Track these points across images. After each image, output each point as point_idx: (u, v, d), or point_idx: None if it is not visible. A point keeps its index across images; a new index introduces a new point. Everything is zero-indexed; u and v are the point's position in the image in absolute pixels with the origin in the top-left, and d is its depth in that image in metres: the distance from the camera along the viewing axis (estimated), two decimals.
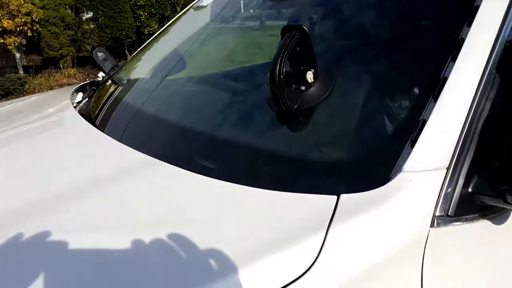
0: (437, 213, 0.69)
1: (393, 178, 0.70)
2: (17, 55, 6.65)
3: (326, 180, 0.78)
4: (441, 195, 0.70)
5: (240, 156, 0.92)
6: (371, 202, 0.67)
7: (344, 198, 0.68)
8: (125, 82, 1.70)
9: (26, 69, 6.87)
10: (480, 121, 0.76)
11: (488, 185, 0.74)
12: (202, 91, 1.39)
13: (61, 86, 6.02)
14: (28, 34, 6.10)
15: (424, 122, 0.75)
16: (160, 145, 1.08)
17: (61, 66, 6.95)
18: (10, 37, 5.78)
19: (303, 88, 0.88)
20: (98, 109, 1.50)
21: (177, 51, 1.77)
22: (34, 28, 6.13)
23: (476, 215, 0.74)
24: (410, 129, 0.76)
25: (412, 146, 0.73)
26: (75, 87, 1.83)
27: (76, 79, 6.63)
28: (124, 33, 7.59)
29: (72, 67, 7.02)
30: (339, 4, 1.24)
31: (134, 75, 1.77)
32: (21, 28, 5.77)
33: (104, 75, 1.86)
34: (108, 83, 1.75)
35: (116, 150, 1.01)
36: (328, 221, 0.63)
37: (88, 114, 1.47)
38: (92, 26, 8.01)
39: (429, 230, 0.68)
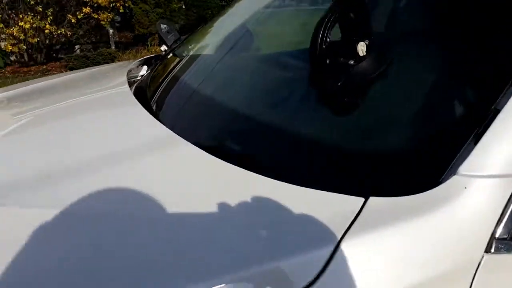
0: (498, 235, 0.52)
1: (444, 181, 0.55)
2: (110, 31, 7.09)
3: (356, 177, 0.64)
4: (506, 211, 0.53)
5: (267, 143, 0.80)
6: (408, 209, 0.52)
7: (373, 201, 0.54)
8: (184, 56, 1.66)
9: (117, 45, 7.30)
10: None
11: None
12: (251, 72, 1.29)
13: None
14: (120, 11, 6.45)
15: (496, 112, 0.57)
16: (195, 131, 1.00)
17: (149, 44, 7.28)
18: (103, 13, 6.16)
19: (352, 62, 0.73)
20: (155, 84, 1.48)
21: (245, 28, 1.69)
22: (126, 5, 6.47)
23: None
24: (476, 120, 0.59)
25: (476, 142, 0.56)
26: (138, 60, 1.84)
27: None
28: (210, 12, 7.72)
29: (159, 45, 7.31)
30: None
31: (194, 50, 1.72)
32: (114, 4, 6.12)
33: (166, 48, 1.84)
34: (169, 57, 1.73)
35: (154, 132, 0.95)
36: (345, 228, 0.50)
37: (144, 89, 1.46)
38: (180, 4, 8.27)
39: (483, 256, 0.52)
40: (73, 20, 5.91)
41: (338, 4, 0.70)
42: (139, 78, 1.70)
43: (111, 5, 6.09)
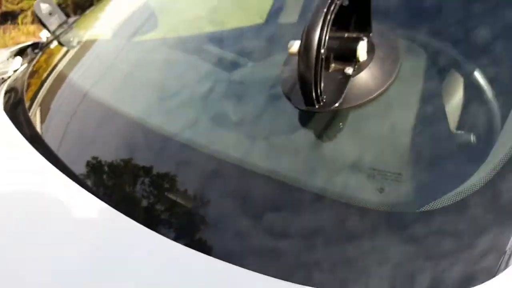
0: None
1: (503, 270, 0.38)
2: None
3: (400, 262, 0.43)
4: None
5: (224, 197, 0.55)
6: None
7: None
8: (74, 45, 1.30)
9: None
10: None
11: None
12: (181, 65, 1.01)
13: (18, 44, 5.41)
14: None
15: None
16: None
17: (20, 22, 6.28)
18: None
19: (350, 71, 0.52)
20: (34, 88, 1.11)
21: (148, 4, 1.38)
22: None
23: None
24: None
25: None
26: (8, 49, 1.41)
27: (36, 38, 5.98)
28: None
29: (33, 23, 6.36)
30: None
31: (86, 35, 1.36)
32: None
33: (49, 34, 1.44)
34: (53, 46, 1.35)
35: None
36: None
37: (18, 93, 1.09)
38: None
39: None
40: None
41: None
42: (9, 74, 1.30)
43: None
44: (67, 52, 1.27)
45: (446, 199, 0.45)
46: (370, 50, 0.52)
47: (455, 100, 0.53)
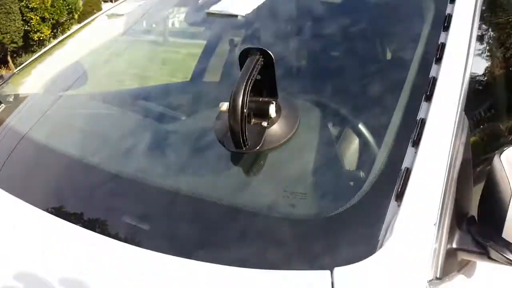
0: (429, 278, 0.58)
1: (384, 243, 0.59)
2: None
3: (312, 249, 0.63)
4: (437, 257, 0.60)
5: (182, 217, 0.73)
6: (369, 274, 0.54)
7: (340, 272, 0.54)
8: (9, 99, 1.37)
9: None
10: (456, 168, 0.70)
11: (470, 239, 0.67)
12: (114, 117, 1.15)
13: None
14: None
15: (408, 171, 0.65)
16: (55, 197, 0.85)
17: None
18: None
19: (265, 124, 0.73)
20: None
21: (79, 62, 1.50)
22: None
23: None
24: (393, 179, 0.65)
25: (398, 198, 0.63)
26: None
27: None
28: (8, 36, 6.77)
29: None
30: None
31: (21, 90, 1.44)
32: None
33: None
34: None
35: None
36: None
37: None
38: None
39: None
40: None
41: (250, 66, 0.69)
42: None
43: None
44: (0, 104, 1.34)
45: (338, 208, 0.66)
46: (278, 110, 0.75)
47: (342, 143, 0.78)
